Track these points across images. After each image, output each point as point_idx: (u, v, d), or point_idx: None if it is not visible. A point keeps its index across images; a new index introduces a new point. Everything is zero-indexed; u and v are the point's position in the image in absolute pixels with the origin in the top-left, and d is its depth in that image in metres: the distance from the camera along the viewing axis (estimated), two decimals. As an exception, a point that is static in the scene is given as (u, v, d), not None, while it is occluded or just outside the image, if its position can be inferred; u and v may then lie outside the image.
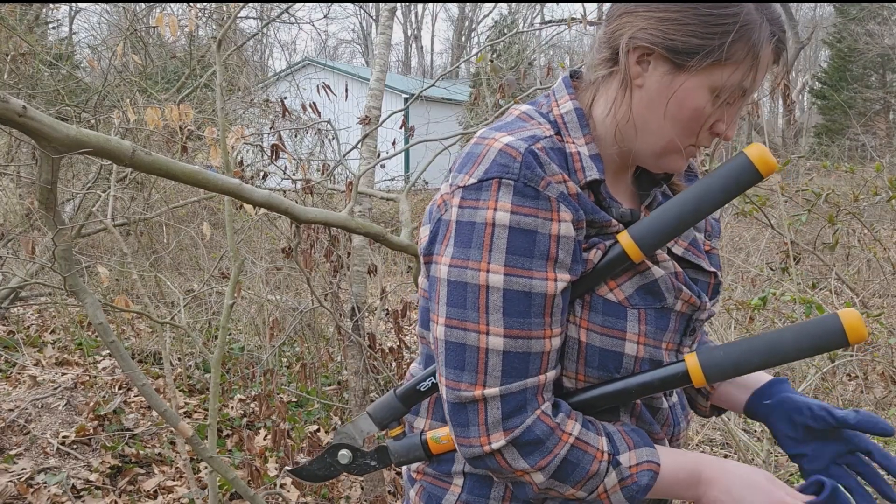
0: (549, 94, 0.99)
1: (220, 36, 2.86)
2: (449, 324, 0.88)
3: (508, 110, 1.00)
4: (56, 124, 1.52)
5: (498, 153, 0.86)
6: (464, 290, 0.86)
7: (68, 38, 12.67)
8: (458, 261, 0.86)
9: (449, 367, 0.88)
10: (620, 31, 0.90)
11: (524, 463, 0.87)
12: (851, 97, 21.44)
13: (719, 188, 0.90)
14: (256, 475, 2.88)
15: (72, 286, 1.83)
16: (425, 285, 0.98)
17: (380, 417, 1.03)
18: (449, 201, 0.89)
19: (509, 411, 0.86)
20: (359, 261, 3.08)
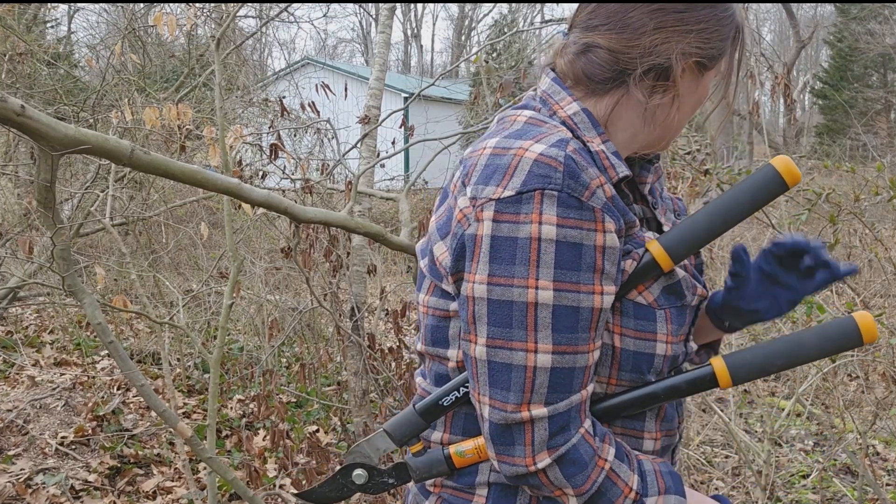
0: (543, 96, 0.96)
1: (218, 35, 2.85)
2: (492, 344, 0.85)
3: (508, 117, 0.96)
4: (54, 123, 1.51)
5: (534, 163, 0.83)
6: (509, 309, 0.83)
7: (67, 37, 12.66)
8: (501, 279, 0.83)
9: (494, 388, 0.85)
10: (667, 49, 0.90)
11: (566, 483, 0.86)
12: (852, 97, 21.45)
13: (748, 200, 0.92)
14: (255, 476, 2.87)
15: (70, 286, 1.82)
16: (432, 303, 0.95)
17: (399, 435, 0.99)
18: (474, 215, 0.85)
19: (555, 430, 0.85)
20: (358, 261, 3.08)
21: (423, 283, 0.98)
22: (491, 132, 0.95)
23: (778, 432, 3.42)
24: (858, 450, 3.01)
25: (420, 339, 1.01)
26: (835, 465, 3.60)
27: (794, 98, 4.51)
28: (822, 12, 27.53)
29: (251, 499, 2.32)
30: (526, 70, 12.83)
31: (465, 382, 0.94)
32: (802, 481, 3.33)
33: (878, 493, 2.75)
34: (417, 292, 1.01)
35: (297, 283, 5.30)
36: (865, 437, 2.78)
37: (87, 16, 14.00)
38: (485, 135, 0.96)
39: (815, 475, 3.28)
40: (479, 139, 0.96)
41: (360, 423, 3.04)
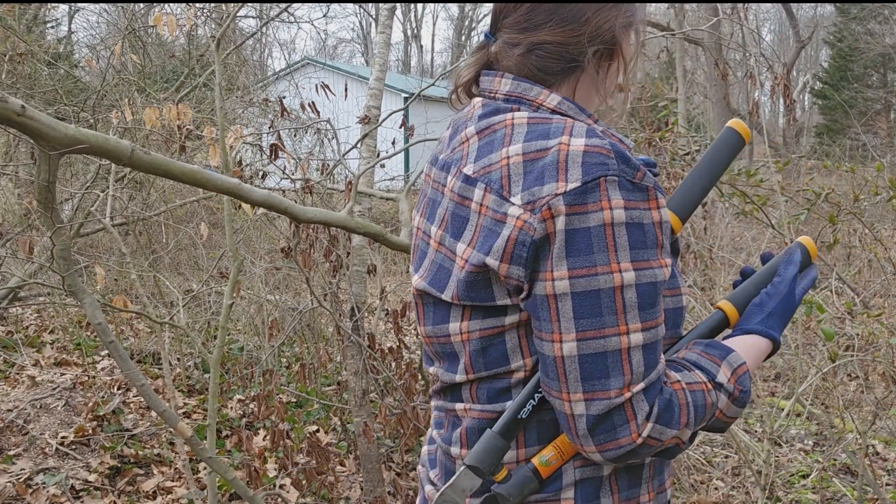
0: (515, 96, 0.98)
1: (219, 35, 2.85)
2: (583, 337, 0.86)
3: (495, 125, 0.95)
4: (55, 123, 1.52)
5: (584, 154, 0.86)
6: (597, 298, 0.85)
7: (67, 37, 12.66)
8: (583, 269, 0.85)
9: (591, 380, 0.86)
10: (609, 23, 0.98)
11: (672, 430, 0.89)
12: (852, 97, 21.45)
13: (724, 156, 1.09)
14: (255, 476, 2.87)
15: (70, 286, 1.82)
16: (474, 326, 0.94)
17: (486, 464, 0.94)
18: (539, 217, 0.86)
19: (652, 400, 0.88)
20: (358, 261, 3.08)
21: (449, 313, 0.97)
22: (490, 142, 0.94)
23: (778, 432, 3.42)
24: (858, 450, 3.01)
25: (459, 369, 0.98)
26: (834, 465, 3.60)
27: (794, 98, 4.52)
28: (822, 12, 27.54)
29: (251, 499, 2.32)
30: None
31: (536, 389, 0.93)
32: (802, 481, 3.34)
33: (877, 492, 2.75)
34: (432, 325, 1.00)
35: (297, 283, 5.30)
36: (865, 436, 2.78)
37: (88, 16, 14.00)
38: (478, 147, 0.95)
39: (814, 475, 3.28)
40: (468, 154, 0.96)
41: (360, 423, 3.04)
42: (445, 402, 1.04)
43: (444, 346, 1.00)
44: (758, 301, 1.04)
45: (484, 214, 0.91)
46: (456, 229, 0.95)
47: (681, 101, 11.61)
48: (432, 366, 1.07)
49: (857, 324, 3.10)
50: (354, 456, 3.64)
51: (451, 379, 1.00)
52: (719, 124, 13.93)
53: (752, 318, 1.03)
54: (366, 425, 3.01)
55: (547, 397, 0.91)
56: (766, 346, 1.02)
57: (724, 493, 3.10)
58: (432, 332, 1.01)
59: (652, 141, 3.93)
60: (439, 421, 1.09)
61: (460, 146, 0.99)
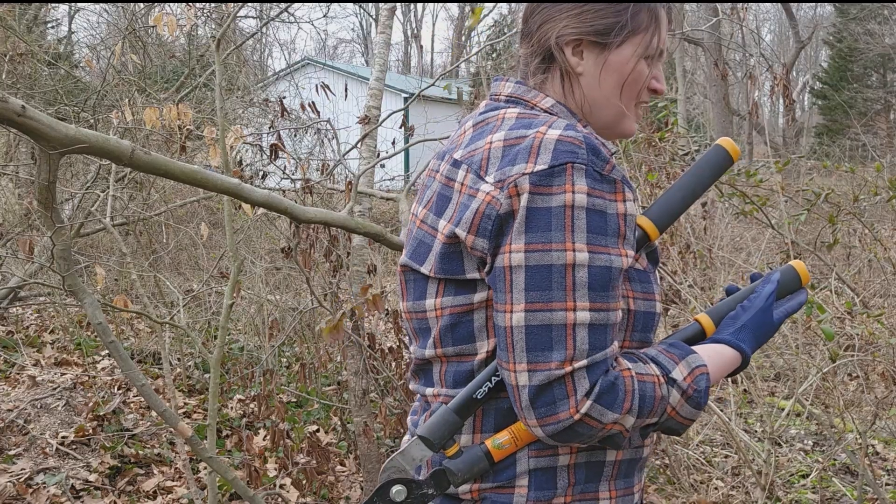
0: (513, 97, 1.06)
1: (219, 35, 2.86)
2: (531, 308, 0.90)
3: (490, 118, 1.03)
4: (55, 123, 1.52)
5: (557, 142, 0.91)
6: (548, 272, 0.89)
7: (67, 37, 12.67)
8: (539, 244, 0.89)
9: (534, 351, 0.90)
10: (547, 35, 1.04)
11: (613, 414, 0.91)
12: (852, 97, 21.45)
13: (708, 174, 1.12)
14: (256, 475, 2.87)
15: (71, 286, 1.82)
16: (446, 303, 0.99)
17: (437, 437, 0.97)
18: (505, 193, 0.91)
19: (595, 378, 0.90)
20: (358, 261, 3.08)
21: (426, 289, 1.01)
22: (481, 132, 1.01)
23: (777, 432, 3.42)
24: (858, 449, 3.01)
25: (429, 344, 1.02)
26: (834, 465, 3.60)
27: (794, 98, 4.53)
28: (821, 12, 27.55)
29: (251, 498, 2.33)
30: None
31: (495, 372, 0.96)
32: (802, 481, 3.34)
33: (877, 492, 2.75)
34: (412, 301, 1.04)
35: (298, 283, 5.31)
36: (865, 436, 2.79)
37: (88, 16, 13.99)
38: (471, 136, 1.03)
39: (814, 475, 3.29)
40: (462, 143, 1.03)
41: (360, 422, 3.04)
42: (419, 385, 1.08)
43: (421, 321, 1.04)
44: (732, 314, 1.08)
45: (462, 192, 0.97)
46: (439, 208, 1.00)
47: (680, 102, 11.61)
48: (411, 344, 1.11)
49: (857, 324, 3.10)
50: (354, 456, 3.65)
51: (421, 355, 1.05)
52: (719, 124, 13.93)
53: (724, 329, 1.06)
54: (366, 425, 3.02)
55: (500, 372, 0.95)
56: (734, 357, 1.04)
57: (723, 493, 3.10)
58: (412, 308, 1.05)
59: (652, 141, 3.93)
60: (415, 408, 1.14)
61: (458, 138, 1.06)
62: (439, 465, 0.99)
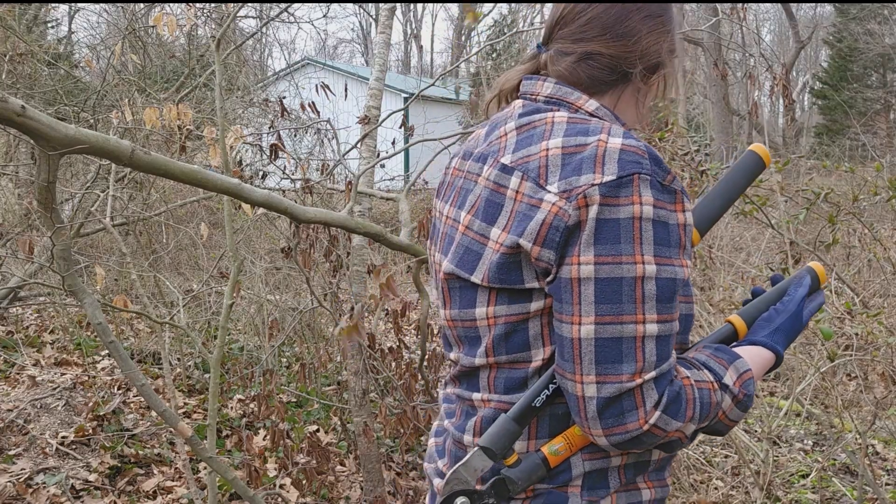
0: (555, 98, 1.04)
1: (219, 35, 2.86)
2: (601, 321, 0.90)
3: (536, 121, 1.01)
4: (55, 124, 1.52)
5: (621, 152, 0.91)
6: (618, 285, 0.90)
7: (67, 37, 12.68)
8: (609, 257, 0.90)
9: (604, 364, 0.90)
10: (655, 46, 1.06)
11: (677, 423, 0.92)
12: (852, 97, 21.46)
13: (743, 179, 1.16)
14: (256, 475, 2.87)
15: (70, 286, 1.82)
16: (500, 311, 0.98)
17: (499, 447, 0.97)
18: (574, 204, 0.91)
19: (662, 389, 0.92)
20: (358, 261, 3.08)
21: (475, 297, 1.01)
22: (529, 136, 1.00)
23: (777, 432, 3.42)
24: (858, 449, 3.01)
25: (480, 352, 1.02)
26: (834, 465, 3.60)
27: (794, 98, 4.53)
28: (821, 12, 27.54)
29: (251, 498, 2.33)
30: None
31: (552, 380, 0.96)
32: (802, 481, 3.34)
33: (877, 492, 2.75)
34: (458, 309, 1.04)
35: (298, 283, 5.31)
36: (865, 436, 2.79)
37: (88, 16, 13.99)
38: (517, 140, 1.01)
39: (814, 475, 3.29)
40: (505, 146, 1.01)
41: (360, 422, 3.04)
42: (461, 389, 1.07)
43: (469, 329, 1.03)
44: (766, 316, 1.10)
45: (519, 201, 0.96)
46: (489, 215, 0.99)
47: (680, 102, 11.60)
48: (452, 351, 1.10)
49: (857, 323, 3.10)
50: (354, 456, 3.65)
51: (470, 363, 1.04)
52: (719, 124, 13.93)
53: (759, 331, 1.09)
54: (366, 425, 3.02)
55: (560, 381, 0.95)
56: (770, 358, 1.07)
57: (723, 493, 3.10)
58: (458, 316, 1.04)
59: (651, 141, 3.93)
60: (451, 411, 1.12)
61: (498, 140, 1.04)
62: (498, 473, 0.98)
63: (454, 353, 1.09)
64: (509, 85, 1.12)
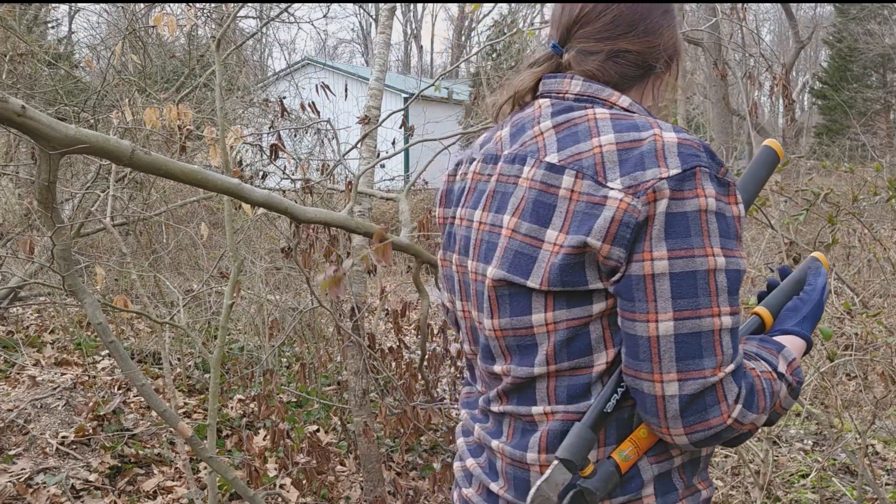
0: (587, 96, 1.03)
1: (219, 35, 2.86)
2: (679, 316, 0.89)
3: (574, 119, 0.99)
4: (55, 124, 1.52)
5: (679, 146, 0.92)
6: (693, 279, 0.89)
7: (67, 37, 12.68)
8: (682, 251, 0.89)
9: (685, 360, 0.89)
10: (672, 39, 1.09)
11: (752, 415, 0.93)
12: (852, 97, 21.47)
13: (764, 173, 1.21)
14: (256, 475, 2.87)
15: (71, 286, 1.82)
16: (560, 316, 0.95)
17: (579, 458, 0.94)
18: (643, 199, 0.89)
19: (739, 380, 0.92)
20: (358, 260, 3.08)
21: (530, 303, 0.97)
22: (572, 133, 0.97)
23: (776, 432, 3.43)
24: (857, 449, 3.01)
25: (538, 360, 0.98)
26: (834, 465, 3.60)
27: (794, 98, 4.53)
28: (821, 12, 27.53)
29: (251, 498, 2.33)
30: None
31: (620, 382, 0.95)
32: (802, 481, 3.34)
33: (877, 492, 2.75)
34: (510, 317, 0.99)
35: (297, 283, 5.31)
36: (864, 436, 2.79)
37: (88, 16, 14.00)
38: (558, 139, 0.98)
39: (814, 475, 3.29)
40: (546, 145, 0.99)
41: (360, 422, 3.04)
42: (512, 405, 1.02)
43: (523, 338, 0.99)
44: (791, 306, 1.12)
45: (576, 200, 0.93)
46: (540, 216, 0.96)
47: (680, 102, 11.60)
48: (495, 364, 1.04)
49: (856, 323, 3.10)
50: (354, 456, 3.65)
51: (527, 373, 0.99)
52: (719, 124, 13.92)
53: (787, 321, 1.11)
54: (366, 425, 3.02)
55: (631, 382, 0.93)
56: (803, 346, 1.09)
57: (723, 493, 3.10)
58: (509, 325, 1.00)
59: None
60: (493, 430, 1.07)
61: (533, 140, 1.01)
62: (574, 486, 0.95)
63: (500, 365, 1.03)
64: (524, 87, 1.09)
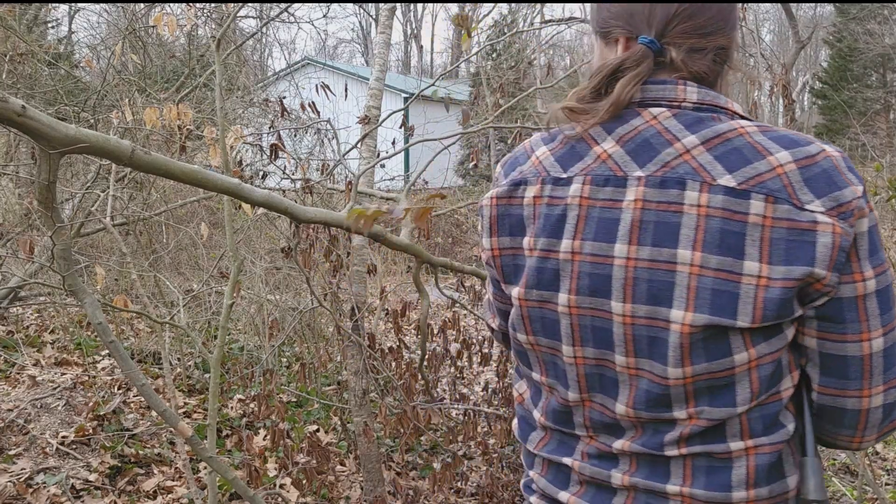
0: (709, 105, 0.95)
1: (219, 35, 2.86)
2: (886, 330, 0.91)
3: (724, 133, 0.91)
4: (55, 123, 1.52)
5: (844, 160, 0.91)
6: (888, 293, 0.91)
7: (67, 37, 12.68)
8: (880, 267, 0.90)
9: (889, 370, 0.92)
10: (734, 33, 1.02)
11: None
12: (852, 97, 21.47)
13: None
14: (256, 475, 2.87)
15: (71, 286, 1.82)
16: (764, 350, 0.90)
17: (824, 492, 0.93)
18: (850, 220, 0.87)
19: None
20: (358, 261, 3.08)
21: (730, 343, 0.89)
22: (734, 151, 0.89)
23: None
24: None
25: (740, 400, 0.92)
26: (834, 465, 3.60)
27: (794, 98, 4.52)
28: (821, 12, 27.54)
29: (251, 498, 2.33)
30: (526, 70, 12.71)
31: (811, 404, 0.97)
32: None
33: (877, 492, 2.75)
34: (707, 362, 0.90)
35: (298, 283, 5.31)
36: (864, 436, 2.79)
37: (88, 16, 14.00)
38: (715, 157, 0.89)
39: (814, 475, 3.29)
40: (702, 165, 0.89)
41: (360, 422, 3.04)
42: (698, 446, 0.94)
43: (720, 379, 0.91)
44: None
45: (771, 226, 0.86)
46: (730, 247, 0.87)
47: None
48: (669, 410, 0.94)
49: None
50: (354, 456, 3.65)
51: (727, 413, 0.92)
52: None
53: None
54: (366, 425, 3.02)
55: (830, 402, 0.95)
56: None
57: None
58: (705, 370, 0.90)
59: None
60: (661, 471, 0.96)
61: (678, 159, 0.91)
62: None
63: (681, 410, 0.93)
64: (630, 94, 0.95)
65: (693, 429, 0.93)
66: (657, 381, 0.93)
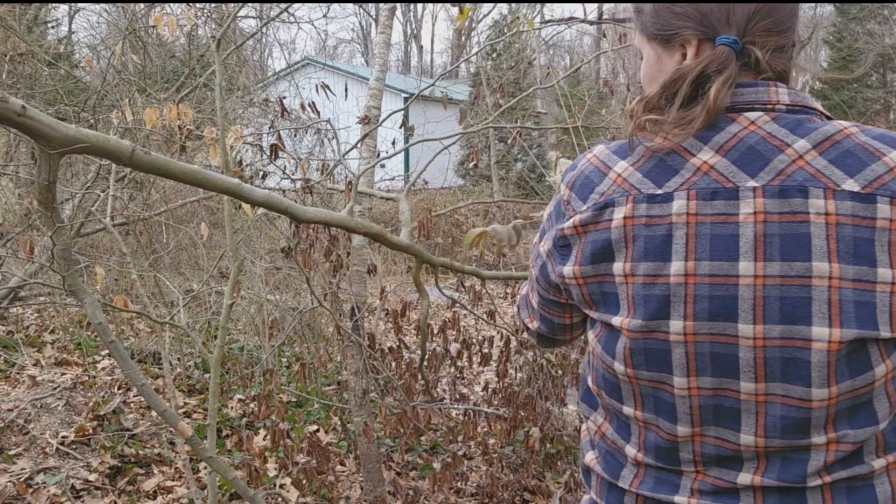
0: (800, 107, 0.92)
1: (219, 35, 2.85)
2: None
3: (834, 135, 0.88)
4: (55, 123, 1.52)
5: None
6: None
7: (67, 37, 12.69)
8: None
9: None
10: None
11: None
12: (852, 97, 21.48)
13: None
14: (256, 475, 2.87)
15: (71, 286, 1.82)
16: None
17: None
18: None
19: None
20: (358, 261, 3.08)
21: (869, 355, 0.86)
22: (848, 153, 0.86)
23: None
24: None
25: (882, 415, 0.89)
26: None
27: (794, 98, 4.49)
28: (821, 12, 27.54)
29: (251, 498, 2.33)
30: (526, 71, 12.71)
31: None
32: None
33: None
34: (850, 379, 0.86)
35: (297, 283, 5.31)
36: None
37: (88, 16, 14.00)
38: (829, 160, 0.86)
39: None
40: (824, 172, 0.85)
41: (360, 422, 3.04)
42: (840, 472, 0.89)
43: (860, 397, 0.87)
44: None
45: (867, 227, 0.83)
46: (865, 255, 0.83)
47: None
48: (806, 437, 0.88)
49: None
50: (354, 456, 3.65)
51: (871, 433, 0.88)
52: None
53: None
54: (366, 425, 3.02)
55: None
56: None
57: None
58: (849, 388, 0.86)
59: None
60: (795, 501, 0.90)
61: (792, 166, 0.86)
62: None
63: (819, 437, 0.88)
64: (725, 99, 0.89)
65: (837, 454, 0.88)
66: (796, 405, 0.86)
